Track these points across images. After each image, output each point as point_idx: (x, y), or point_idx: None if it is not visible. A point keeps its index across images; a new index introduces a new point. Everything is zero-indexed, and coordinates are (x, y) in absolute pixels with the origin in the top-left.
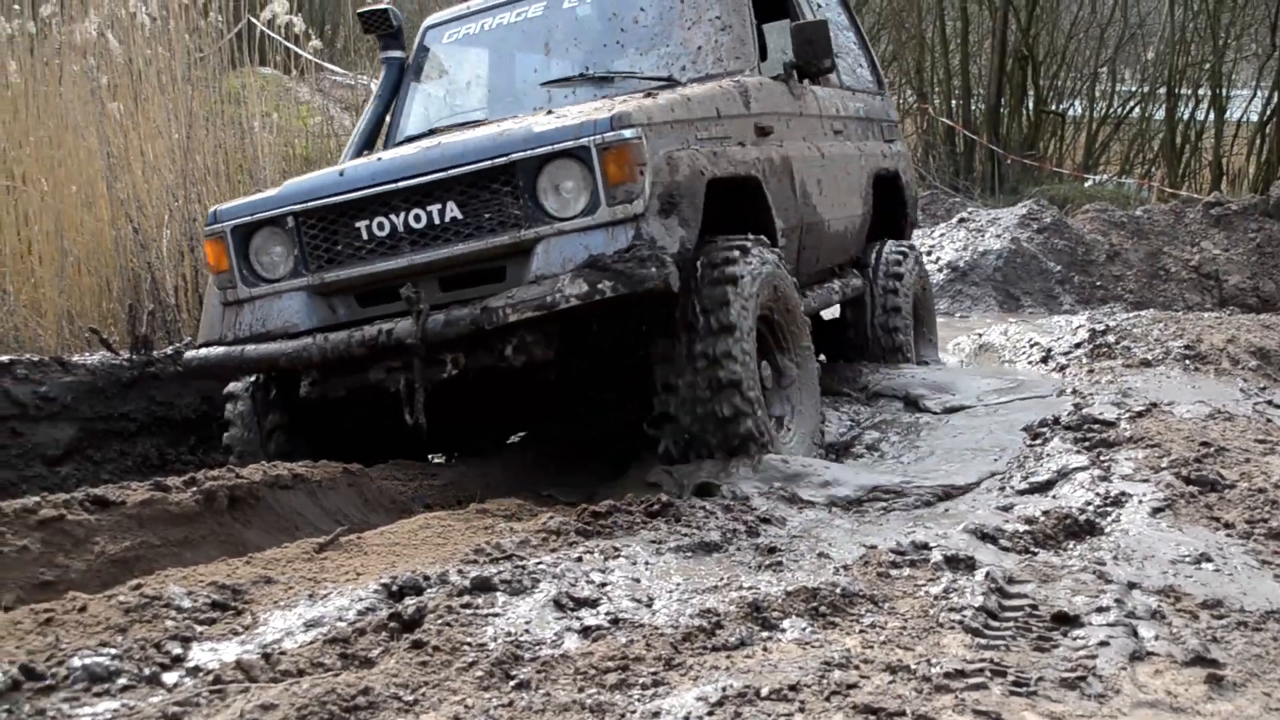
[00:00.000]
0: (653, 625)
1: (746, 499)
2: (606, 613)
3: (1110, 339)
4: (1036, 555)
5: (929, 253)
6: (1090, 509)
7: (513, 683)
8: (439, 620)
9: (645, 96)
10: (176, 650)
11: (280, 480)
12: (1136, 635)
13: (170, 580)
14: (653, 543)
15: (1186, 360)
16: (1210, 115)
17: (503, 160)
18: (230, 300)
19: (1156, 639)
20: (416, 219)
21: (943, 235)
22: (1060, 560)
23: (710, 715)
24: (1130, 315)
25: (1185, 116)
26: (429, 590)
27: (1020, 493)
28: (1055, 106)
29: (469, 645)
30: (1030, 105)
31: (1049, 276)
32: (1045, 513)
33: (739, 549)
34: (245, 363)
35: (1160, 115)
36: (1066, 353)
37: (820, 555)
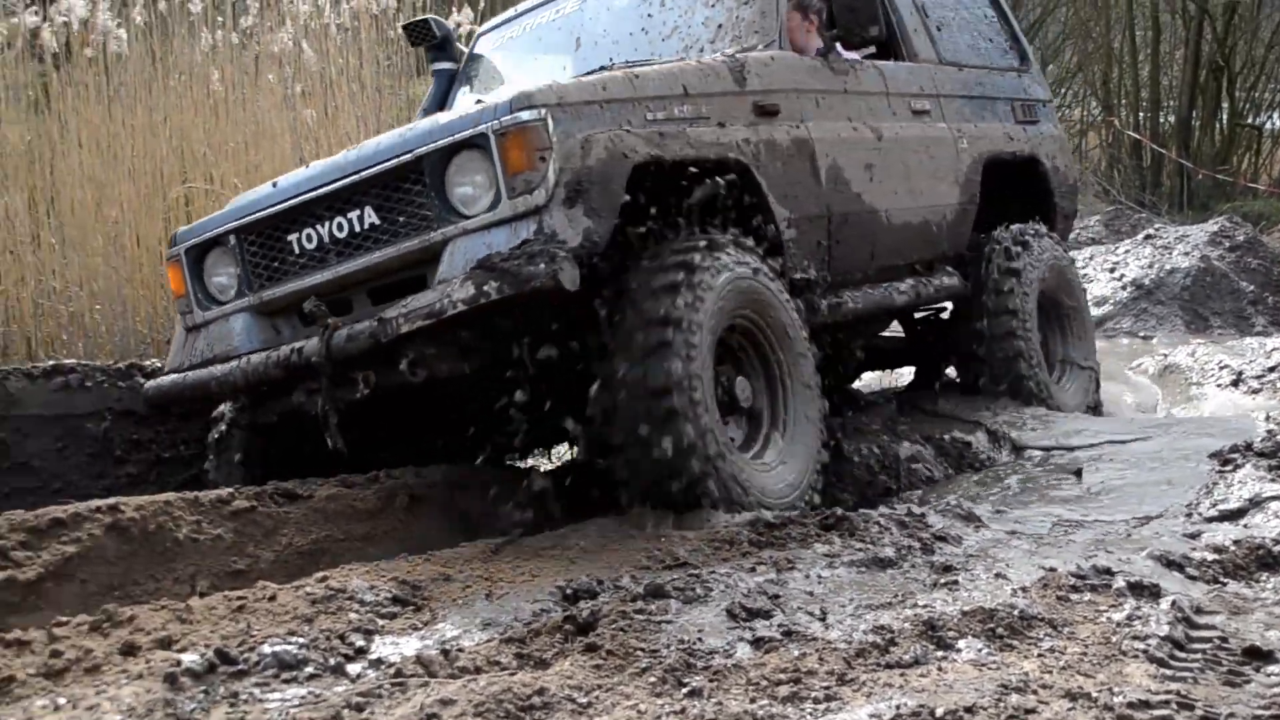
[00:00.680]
0: (825, 639)
1: (922, 516)
2: (779, 624)
3: None
4: (1226, 585)
5: (1112, 270)
6: None
7: (685, 690)
8: (613, 625)
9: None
10: (360, 642)
11: (460, 481)
12: None
13: (353, 574)
14: (826, 556)
15: None
16: None
17: (409, 157)
18: (189, 325)
19: None
20: (339, 228)
21: (1127, 251)
22: (1252, 592)
23: None
24: None
25: None
26: (603, 595)
27: (1209, 520)
28: (1251, 120)
29: (642, 651)
30: (1224, 118)
31: (1240, 296)
32: (1236, 542)
33: (913, 566)
34: (184, 391)
35: None
36: (1260, 376)
37: (997, 576)
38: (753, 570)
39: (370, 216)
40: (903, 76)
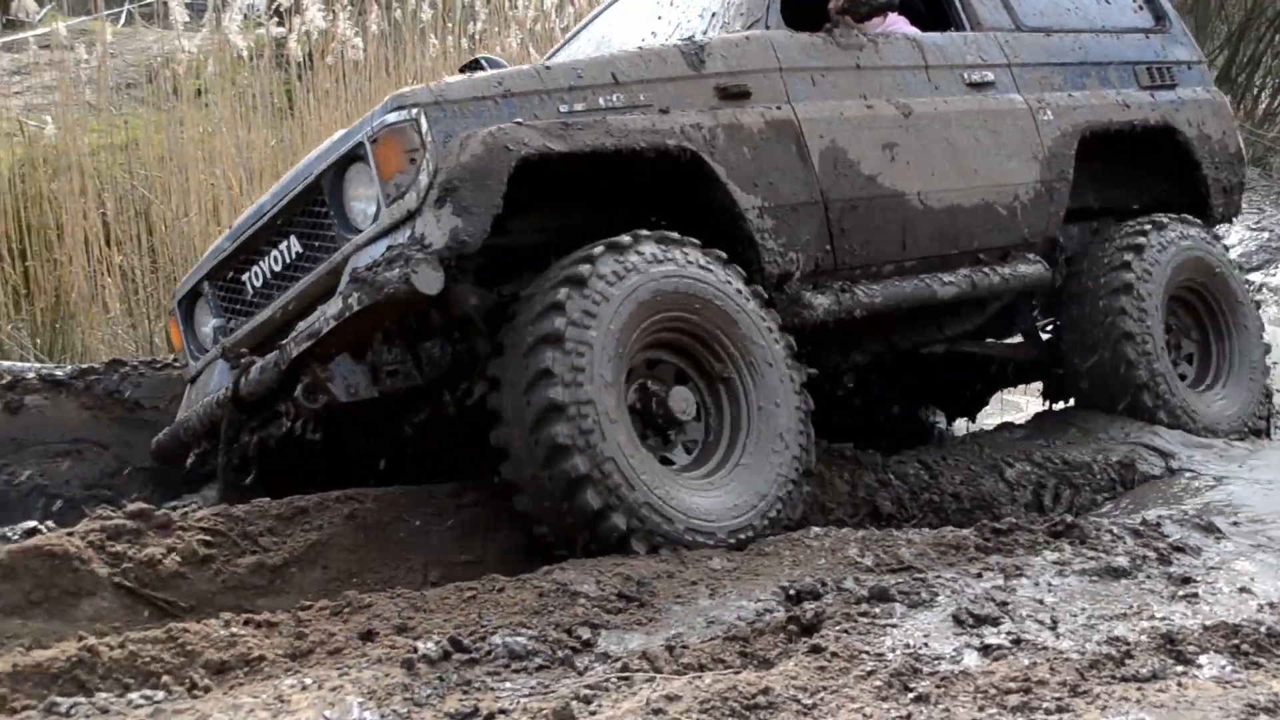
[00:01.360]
0: (1057, 649)
1: (1158, 525)
2: (1008, 632)
3: None
4: None
5: None
6: None
7: (911, 695)
8: (837, 627)
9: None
10: (586, 636)
11: None
12: None
13: (579, 570)
14: (1056, 564)
15: None
16: None
17: (311, 179)
18: (188, 378)
19: None
20: (275, 261)
21: None
22: None
23: None
24: None
25: None
26: (826, 596)
27: None
28: None
29: (867, 654)
30: None
31: None
32: None
33: (1149, 576)
34: (169, 442)
35: None
36: None
37: (1241, 590)
38: (979, 576)
39: (295, 246)
40: (952, 47)
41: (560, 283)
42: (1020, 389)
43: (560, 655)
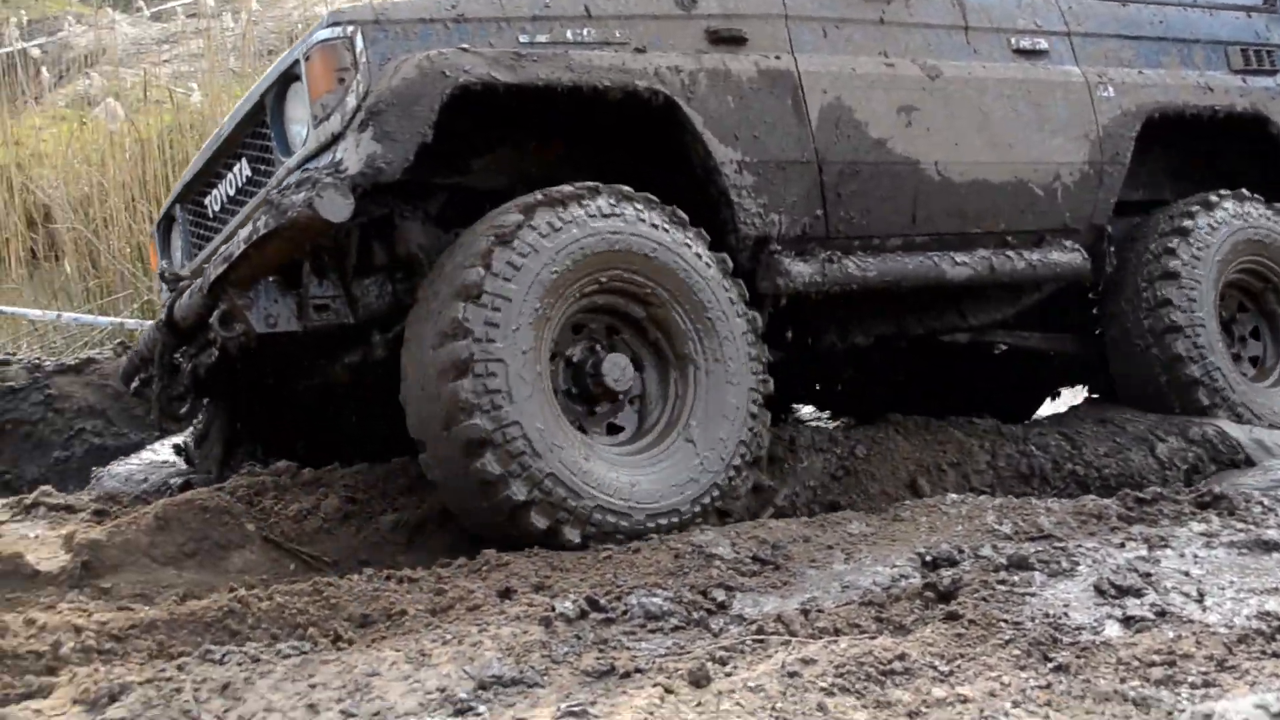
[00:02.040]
0: (1203, 622)
1: None
2: (1151, 604)
3: None
4: None
5: None
6: None
7: (1050, 665)
8: (974, 594)
9: None
10: (721, 598)
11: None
12: None
13: (715, 531)
14: (1203, 535)
15: None
16: None
17: (256, 99)
18: (163, 302)
19: None
20: (229, 184)
21: None
22: None
23: None
24: None
25: None
26: (963, 563)
27: None
28: None
29: (1005, 622)
30: None
31: None
32: None
33: None
34: (127, 366)
35: None
36: None
37: None
38: (1121, 546)
39: (245, 169)
40: (1001, 8)
41: (487, 230)
42: None
43: (695, 617)
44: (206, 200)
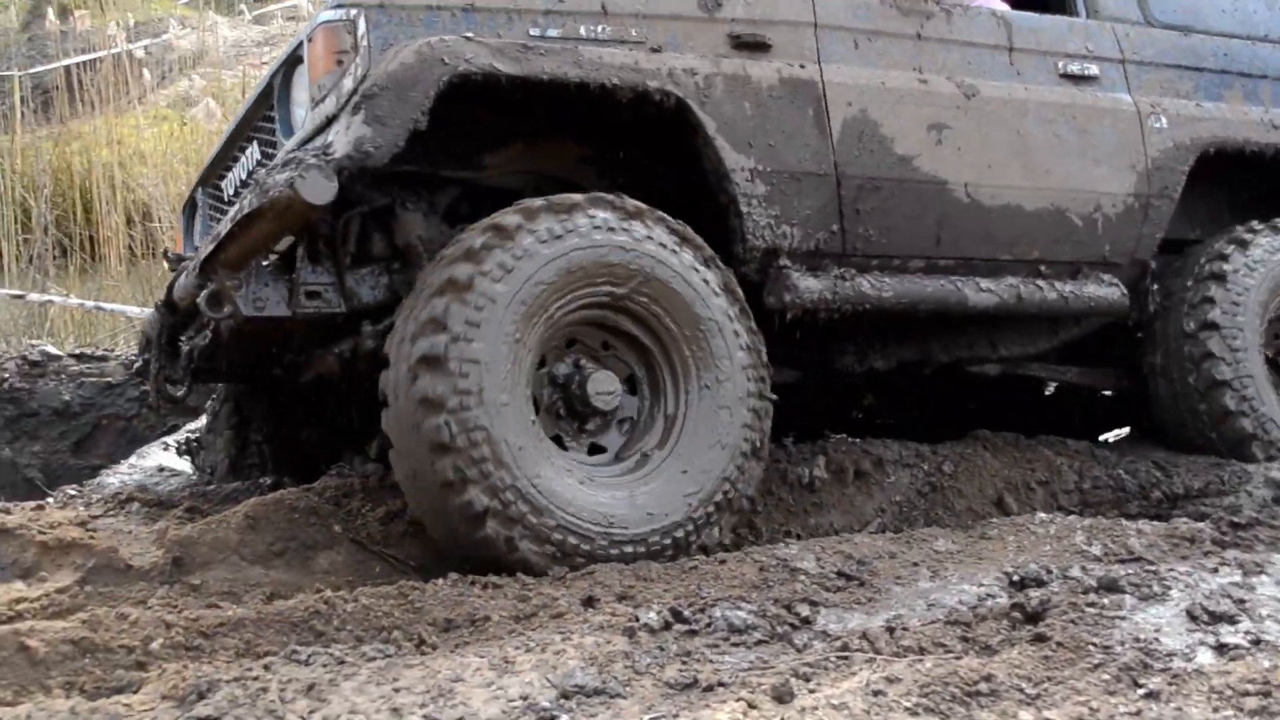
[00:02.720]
0: None
1: None
2: (1246, 632)
3: None
4: None
5: None
6: None
7: (1140, 691)
8: (1063, 616)
9: None
10: (805, 613)
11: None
12: None
13: (800, 545)
14: None
15: None
16: None
17: (266, 82)
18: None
19: None
20: (243, 168)
21: None
22: None
23: None
24: None
25: None
26: (1052, 584)
27: None
28: None
29: (1094, 645)
30: None
31: None
32: None
33: None
34: (140, 347)
35: None
36: None
37: None
38: (1215, 571)
39: (255, 153)
40: (1050, 31)
41: (485, 228)
42: None
43: (779, 631)
44: (224, 184)
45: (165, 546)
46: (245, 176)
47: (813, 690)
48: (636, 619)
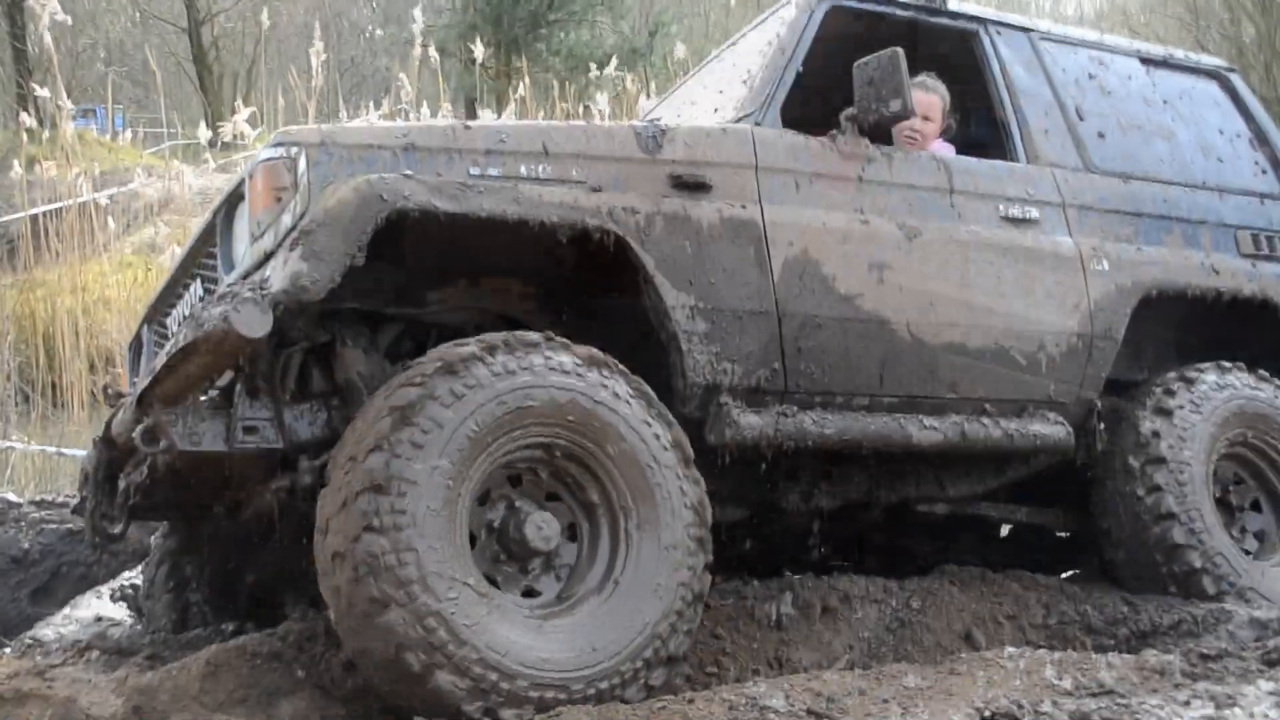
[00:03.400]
0: None
1: None
2: None
3: None
4: None
5: None
6: None
7: None
8: None
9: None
10: None
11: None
12: None
13: (769, 684)
14: (1272, 694)
15: None
16: None
17: (210, 218)
18: None
19: None
20: (186, 305)
21: None
22: None
23: None
24: None
25: None
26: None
27: None
28: None
29: None
30: None
31: None
32: None
33: None
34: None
35: None
36: None
37: None
38: (1187, 704)
39: (198, 289)
40: (989, 175)
41: (436, 358)
42: None
43: None
44: (169, 321)
45: (125, 695)
46: (188, 313)
47: None
48: None
